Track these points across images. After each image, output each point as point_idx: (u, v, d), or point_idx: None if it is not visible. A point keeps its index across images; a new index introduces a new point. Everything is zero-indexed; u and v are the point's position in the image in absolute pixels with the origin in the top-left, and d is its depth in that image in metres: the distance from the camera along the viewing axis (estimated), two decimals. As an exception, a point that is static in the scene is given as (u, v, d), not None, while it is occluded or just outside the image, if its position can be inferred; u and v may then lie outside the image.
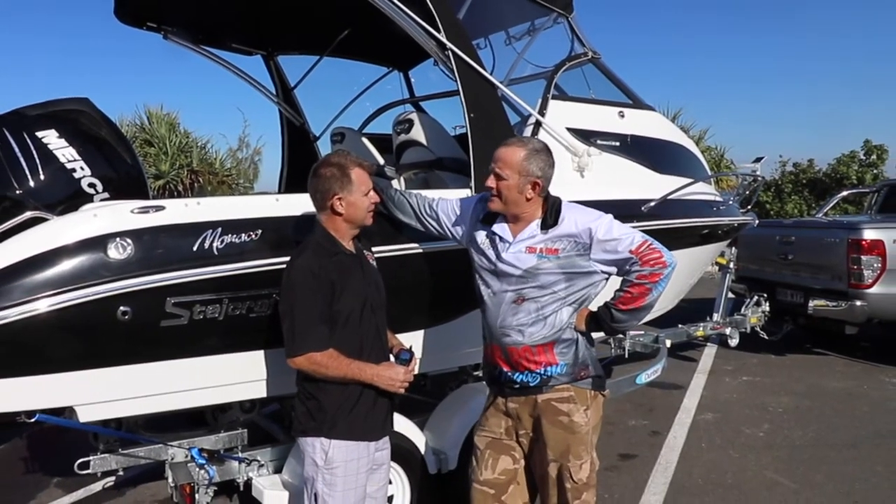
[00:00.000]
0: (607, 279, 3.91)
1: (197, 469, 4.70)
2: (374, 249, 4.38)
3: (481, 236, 3.98)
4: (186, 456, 4.79)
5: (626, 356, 8.00)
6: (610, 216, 3.84)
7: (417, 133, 6.41)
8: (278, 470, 4.93)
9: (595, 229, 3.71)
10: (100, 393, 4.10)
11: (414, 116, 6.59)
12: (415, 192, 4.66)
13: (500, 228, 3.87)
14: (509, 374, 3.90)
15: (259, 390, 4.66)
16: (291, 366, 3.67)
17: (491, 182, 3.79)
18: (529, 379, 3.85)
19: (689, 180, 6.81)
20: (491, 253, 3.89)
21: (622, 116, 6.52)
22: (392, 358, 4.02)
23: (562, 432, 3.82)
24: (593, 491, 3.90)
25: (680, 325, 8.80)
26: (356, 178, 3.77)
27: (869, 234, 9.83)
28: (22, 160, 4.25)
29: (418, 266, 4.95)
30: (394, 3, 4.91)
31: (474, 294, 4.15)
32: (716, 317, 9.44)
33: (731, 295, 10.11)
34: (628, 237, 3.72)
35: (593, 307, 3.97)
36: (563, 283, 3.76)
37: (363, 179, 3.81)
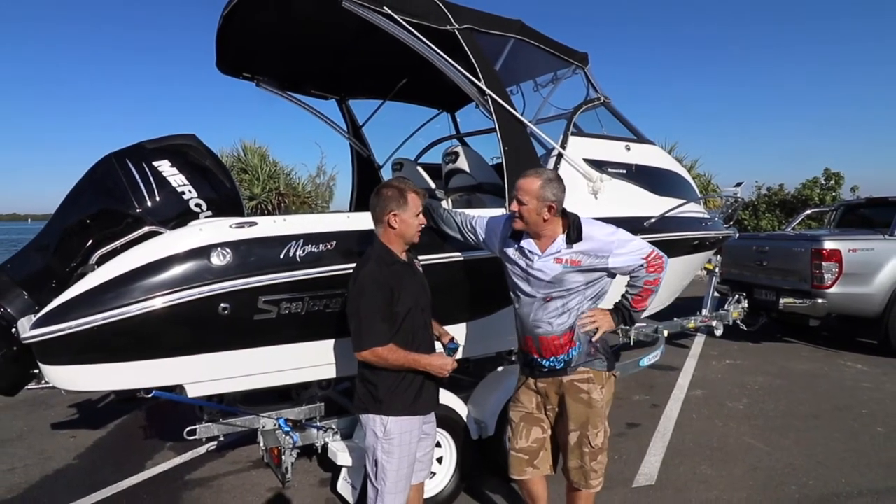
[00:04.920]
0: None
1: (283, 435, 4.71)
2: (429, 258, 4.45)
3: (511, 249, 3.97)
4: (275, 425, 4.78)
5: (631, 344, 7.87)
6: (622, 231, 3.85)
7: (462, 163, 6.42)
8: (349, 436, 4.91)
9: (614, 243, 3.76)
10: (204, 373, 4.11)
11: (459, 149, 6.60)
12: (459, 210, 4.67)
13: (529, 244, 3.86)
14: (539, 360, 3.92)
15: (333, 371, 4.63)
16: (358, 358, 3.61)
17: (514, 206, 3.81)
18: (556, 363, 3.86)
19: (683, 201, 6.70)
20: (522, 263, 3.89)
21: (628, 149, 6.42)
22: (439, 347, 3.99)
23: (582, 407, 3.85)
24: (606, 453, 3.94)
25: (675, 319, 8.65)
26: (411, 201, 3.72)
27: (829, 245, 9.80)
28: (141, 185, 4.27)
29: (463, 271, 4.90)
30: (444, 58, 4.90)
31: (508, 294, 4.16)
32: (704, 312, 9.29)
33: (716, 294, 9.98)
34: (639, 249, 3.79)
35: (608, 304, 4.02)
36: (583, 284, 3.79)
37: (416, 203, 3.75)
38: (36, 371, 4.18)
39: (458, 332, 4.92)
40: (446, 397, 5.00)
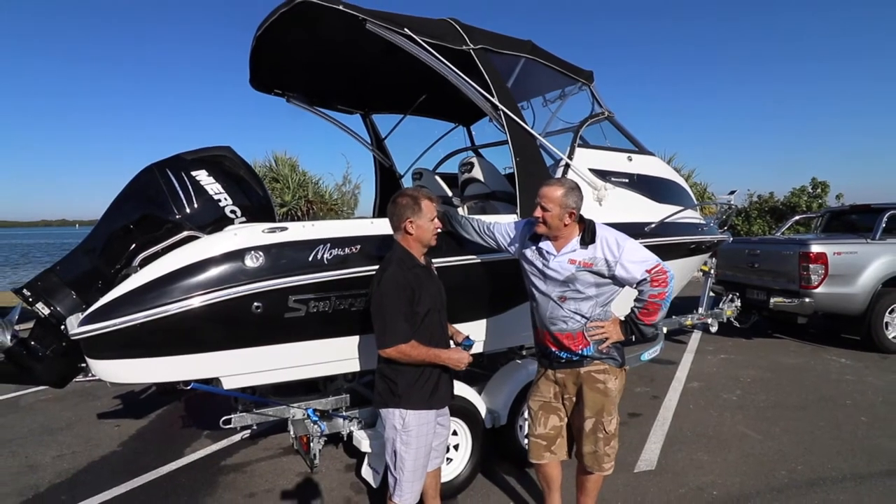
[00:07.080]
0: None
1: (312, 424, 4.72)
2: (447, 260, 4.51)
3: (531, 251, 3.98)
4: (304, 414, 4.79)
5: (633, 340, 7.85)
6: (633, 241, 3.81)
7: (477, 172, 6.42)
8: (372, 425, 4.89)
9: (623, 249, 3.73)
10: (239, 367, 4.09)
11: (474, 160, 6.60)
12: (475, 216, 4.66)
13: (546, 245, 3.88)
14: (557, 352, 3.95)
15: (357, 365, 4.60)
16: (382, 355, 3.58)
17: (538, 213, 3.82)
18: (572, 356, 3.88)
19: (681, 208, 6.62)
20: (539, 263, 3.90)
21: (630, 160, 6.37)
22: (453, 343, 3.97)
23: (599, 396, 3.88)
24: (617, 439, 3.99)
25: (673, 317, 8.59)
26: (425, 207, 3.71)
27: (815, 248, 9.74)
28: (180, 193, 4.25)
29: (479, 273, 4.86)
30: (460, 76, 4.91)
31: (519, 294, 4.18)
32: (700, 310, 9.25)
33: (712, 294, 9.93)
34: (644, 262, 3.73)
35: (620, 314, 3.99)
36: (594, 289, 3.79)
37: (430, 209, 3.74)
38: (83, 365, 4.20)
39: (473, 328, 4.90)
40: (462, 389, 4.98)
